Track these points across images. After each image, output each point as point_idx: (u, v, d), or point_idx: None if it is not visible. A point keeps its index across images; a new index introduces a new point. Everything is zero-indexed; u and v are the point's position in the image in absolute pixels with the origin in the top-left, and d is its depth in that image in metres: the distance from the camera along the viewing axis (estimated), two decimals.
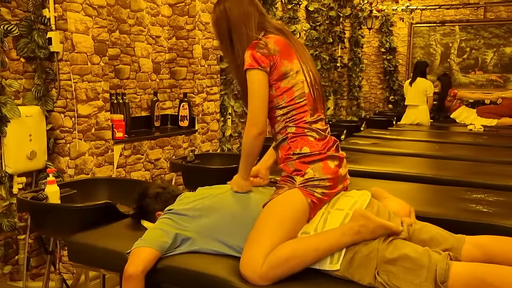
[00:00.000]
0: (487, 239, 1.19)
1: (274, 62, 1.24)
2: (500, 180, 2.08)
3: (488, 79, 5.76)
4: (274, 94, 1.26)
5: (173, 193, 1.50)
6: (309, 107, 1.28)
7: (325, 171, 1.22)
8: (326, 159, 1.23)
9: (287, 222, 1.17)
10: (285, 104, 1.26)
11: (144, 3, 2.83)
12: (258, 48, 1.24)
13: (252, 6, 1.35)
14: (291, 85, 1.26)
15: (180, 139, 2.95)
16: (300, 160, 1.23)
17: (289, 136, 1.26)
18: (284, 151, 1.27)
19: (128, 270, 1.18)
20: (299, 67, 1.29)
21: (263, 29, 1.32)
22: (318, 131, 1.28)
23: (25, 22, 2.01)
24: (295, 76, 1.27)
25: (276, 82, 1.26)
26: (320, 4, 5.02)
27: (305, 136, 1.25)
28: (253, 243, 1.16)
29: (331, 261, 1.13)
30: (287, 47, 1.28)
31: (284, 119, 1.27)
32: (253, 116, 1.25)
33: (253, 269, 1.12)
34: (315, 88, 1.31)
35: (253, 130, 1.24)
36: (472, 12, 5.84)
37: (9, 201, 1.96)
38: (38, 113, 2.06)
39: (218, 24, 1.36)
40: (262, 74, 1.23)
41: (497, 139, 3.72)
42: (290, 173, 1.24)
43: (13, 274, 2.06)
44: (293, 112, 1.26)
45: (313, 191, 1.20)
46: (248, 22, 1.31)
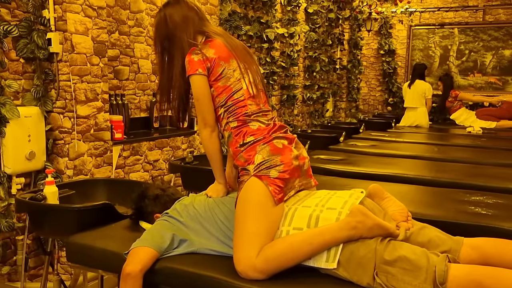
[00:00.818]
0: (485, 241, 1.19)
1: (211, 64, 1.32)
2: (498, 182, 2.08)
3: (487, 81, 5.78)
4: (214, 94, 1.34)
5: (172, 196, 1.50)
6: (248, 102, 1.33)
7: (273, 152, 1.25)
8: (271, 140, 1.27)
9: (260, 209, 1.19)
10: (224, 101, 1.33)
11: (143, 5, 2.84)
12: (194, 54, 1.33)
13: (191, 12, 1.41)
14: (229, 84, 1.32)
15: (179, 140, 2.95)
16: (247, 149, 1.27)
17: (233, 131, 1.32)
18: (233, 146, 1.33)
19: (126, 269, 1.18)
20: (235, 66, 1.34)
21: (201, 33, 1.39)
22: (260, 120, 1.33)
23: (25, 22, 2.01)
24: (232, 74, 1.33)
25: (214, 82, 1.33)
26: (320, 6, 5.03)
27: (247, 127, 1.30)
28: (239, 240, 1.19)
29: (327, 258, 1.13)
30: (223, 49, 1.35)
31: (226, 115, 1.33)
32: (202, 117, 1.34)
33: (247, 263, 1.13)
34: (254, 84, 1.36)
35: (206, 130, 1.34)
36: (471, 15, 5.86)
37: (8, 202, 1.96)
38: (37, 113, 2.06)
39: (157, 30, 1.43)
40: (201, 78, 1.32)
41: (495, 141, 3.73)
42: (243, 164, 1.27)
43: (11, 275, 2.06)
44: (233, 107, 1.32)
45: (268, 173, 1.22)
46: (186, 28, 1.38)
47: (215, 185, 1.43)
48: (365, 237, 1.12)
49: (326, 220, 1.18)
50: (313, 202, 1.24)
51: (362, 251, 1.11)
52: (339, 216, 1.17)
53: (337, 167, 2.44)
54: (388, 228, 1.13)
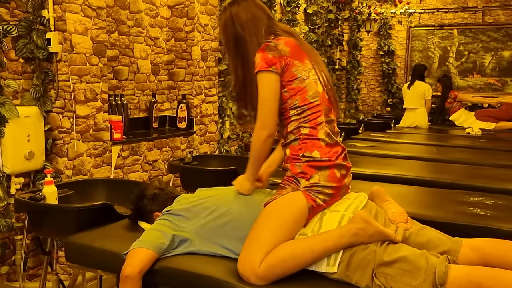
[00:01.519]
0: (484, 242, 1.19)
1: (285, 63, 1.24)
2: (497, 183, 2.08)
3: (486, 82, 5.79)
4: (287, 94, 1.26)
5: (171, 194, 1.49)
6: (323, 106, 1.27)
7: (330, 179, 1.22)
8: (334, 167, 1.23)
9: (288, 224, 1.17)
10: (299, 104, 1.25)
11: (143, 5, 2.84)
12: (268, 49, 1.23)
13: (259, 10, 1.34)
14: (304, 85, 1.25)
15: (178, 140, 2.95)
16: (308, 164, 1.22)
17: (302, 137, 1.25)
18: (293, 151, 1.26)
19: (125, 271, 1.18)
20: (311, 67, 1.28)
21: (271, 33, 1.32)
22: (330, 135, 1.27)
23: (24, 22, 2.01)
24: (307, 75, 1.26)
25: (288, 83, 1.25)
26: (319, 7, 5.03)
27: (317, 140, 1.24)
28: (252, 242, 1.16)
29: (328, 263, 1.13)
30: (297, 48, 1.28)
31: (298, 119, 1.25)
32: (263, 119, 1.24)
33: (251, 268, 1.12)
34: (328, 88, 1.30)
35: (263, 133, 1.24)
36: (471, 16, 5.87)
37: (7, 202, 1.95)
38: (36, 113, 2.05)
39: (225, 30, 1.35)
40: (273, 76, 1.22)
41: (495, 142, 3.73)
42: (296, 174, 1.23)
43: (10, 275, 2.05)
44: (308, 112, 1.25)
45: (316, 196, 1.20)
46: (256, 27, 1.30)
47: (244, 180, 1.35)
48: (365, 243, 1.12)
49: (329, 223, 1.18)
50: None
51: (361, 254, 1.11)
52: (342, 219, 1.17)
53: None
54: (388, 235, 1.13)
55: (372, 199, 1.34)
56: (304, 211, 1.18)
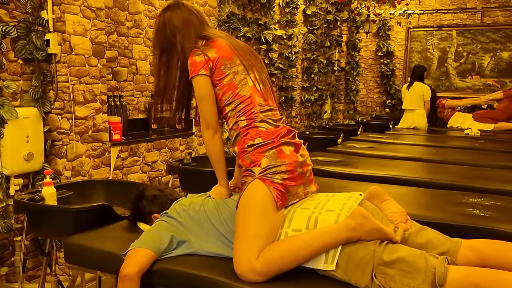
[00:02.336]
0: (483, 243, 1.19)
1: (213, 64, 1.31)
2: (496, 184, 2.09)
3: (485, 83, 5.80)
4: (220, 92, 1.32)
5: (170, 196, 1.50)
6: (256, 97, 1.32)
7: (280, 157, 1.24)
8: (279, 145, 1.26)
9: (261, 213, 1.19)
10: (231, 99, 1.31)
11: (142, 6, 2.84)
12: (196, 55, 1.32)
13: (192, 15, 1.40)
14: (234, 81, 1.31)
15: (177, 141, 2.95)
16: (254, 151, 1.26)
17: (242, 130, 1.30)
18: (240, 146, 1.31)
19: (123, 271, 1.18)
20: (239, 63, 1.33)
21: (203, 37, 1.38)
22: (269, 121, 1.31)
23: (23, 23, 2.01)
24: (236, 71, 1.32)
25: (219, 81, 1.32)
26: (318, 8, 5.04)
27: (256, 128, 1.29)
28: (239, 242, 1.18)
29: (326, 260, 1.13)
30: (225, 47, 1.34)
31: (234, 114, 1.32)
32: (204, 118, 1.33)
33: (248, 265, 1.13)
34: (259, 81, 1.35)
35: (209, 132, 1.33)
36: (470, 17, 5.89)
37: (6, 203, 1.95)
38: (35, 114, 2.05)
39: (157, 34, 1.42)
40: (203, 79, 1.31)
41: (493, 143, 3.74)
42: (248, 166, 1.26)
43: (9, 276, 2.05)
44: (241, 105, 1.31)
45: (272, 178, 1.22)
46: (187, 32, 1.37)
47: (217, 187, 1.41)
48: (363, 239, 1.12)
49: (325, 222, 1.18)
50: (312, 204, 1.24)
51: (360, 253, 1.11)
52: (338, 218, 1.17)
53: (335, 169, 2.44)
54: (386, 233, 1.13)
55: (370, 199, 1.34)
56: (268, 195, 1.20)
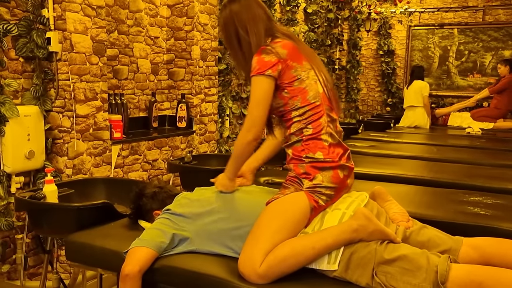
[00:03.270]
0: (484, 241, 1.19)
1: (283, 66, 1.24)
2: (498, 183, 2.09)
3: (486, 82, 5.79)
4: (287, 96, 1.26)
5: (170, 192, 1.50)
6: (325, 106, 1.27)
7: (334, 180, 1.22)
8: (337, 168, 1.23)
9: (290, 224, 1.17)
10: (300, 105, 1.25)
11: (143, 4, 2.83)
12: (265, 53, 1.24)
13: (260, 10, 1.33)
14: (304, 86, 1.26)
15: (177, 140, 2.95)
16: (311, 164, 1.22)
17: (304, 138, 1.25)
18: (296, 152, 1.26)
19: (125, 270, 1.18)
20: (309, 67, 1.29)
21: (270, 35, 1.31)
22: (333, 135, 1.27)
23: (24, 22, 2.01)
24: (307, 76, 1.27)
25: (288, 85, 1.25)
26: (319, 6, 5.03)
27: (319, 141, 1.24)
28: (254, 241, 1.16)
29: (329, 260, 1.13)
30: (295, 50, 1.28)
31: (300, 120, 1.26)
32: (251, 122, 1.25)
33: (251, 267, 1.12)
34: (329, 88, 1.30)
35: (249, 136, 1.25)
36: (471, 15, 5.87)
37: (7, 201, 1.95)
38: (36, 112, 2.06)
39: (225, 28, 1.34)
40: (268, 81, 1.23)
41: (495, 142, 3.74)
42: (299, 174, 1.23)
43: (11, 273, 2.06)
44: (309, 112, 1.25)
45: (318, 197, 1.20)
46: (256, 27, 1.29)
47: (224, 179, 1.35)
48: (364, 240, 1.13)
49: (330, 222, 1.18)
50: None
51: (361, 252, 1.11)
52: (343, 217, 1.18)
53: None
54: (388, 234, 1.13)
55: (373, 199, 1.34)
56: (306, 211, 1.19)
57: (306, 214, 1.19)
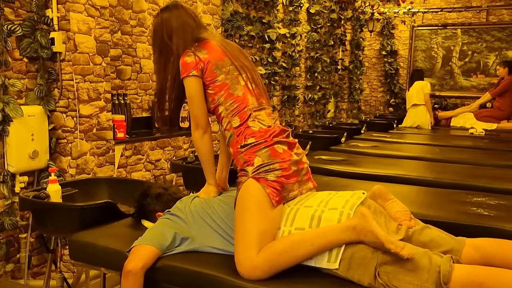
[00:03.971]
0: (486, 241, 1.19)
1: (204, 65, 1.32)
2: (501, 183, 2.08)
3: (490, 82, 5.76)
4: (212, 92, 1.34)
5: (175, 195, 1.51)
6: (248, 96, 1.33)
7: (272, 156, 1.25)
8: (272, 144, 1.26)
9: (257, 211, 1.20)
10: (224, 99, 1.32)
11: (146, 4, 2.84)
12: (187, 56, 1.34)
13: (190, 18, 1.42)
14: (226, 81, 1.33)
15: (180, 140, 2.96)
16: (247, 151, 1.26)
17: (235, 131, 1.31)
18: (234, 147, 1.32)
19: (127, 266, 1.19)
20: (230, 63, 1.35)
21: (198, 40, 1.39)
22: (262, 120, 1.32)
23: (28, 22, 2.02)
24: (227, 71, 1.34)
25: (211, 82, 1.33)
26: (322, 7, 5.03)
27: (248, 128, 1.29)
28: (239, 241, 1.19)
29: (329, 259, 1.13)
30: (216, 49, 1.36)
31: (227, 114, 1.33)
32: (194, 118, 1.35)
33: (249, 263, 1.14)
34: (251, 81, 1.36)
35: (198, 131, 1.35)
36: (475, 15, 5.85)
37: (11, 200, 1.97)
38: (40, 112, 2.07)
39: (154, 34, 1.43)
40: (194, 79, 1.33)
41: (498, 143, 3.72)
42: (242, 165, 1.27)
43: (15, 272, 2.07)
44: (234, 104, 1.32)
45: (265, 176, 1.22)
46: (184, 34, 1.38)
47: (206, 187, 1.44)
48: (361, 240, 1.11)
49: (328, 221, 1.18)
50: (315, 202, 1.24)
51: (363, 251, 1.11)
52: (341, 217, 1.17)
53: (338, 167, 2.44)
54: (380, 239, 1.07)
55: (374, 198, 1.34)
56: (263, 194, 1.20)
57: (264, 197, 1.20)
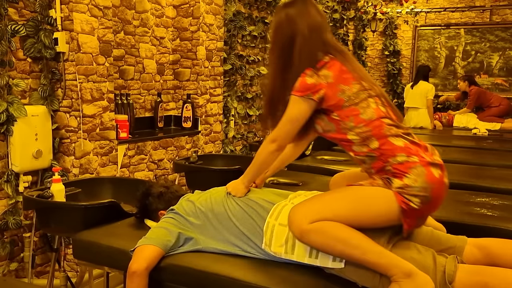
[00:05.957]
0: (490, 241, 1.19)
1: (327, 90, 1.18)
2: (505, 184, 2.07)
3: (493, 82, 5.74)
4: (338, 118, 1.19)
5: (176, 193, 1.51)
6: (383, 120, 1.18)
7: (428, 181, 1.09)
8: (428, 165, 1.11)
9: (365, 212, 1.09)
10: (354, 124, 1.17)
11: (149, 4, 2.85)
12: (309, 76, 1.19)
13: (319, 18, 1.23)
14: (355, 106, 1.18)
15: (183, 140, 2.96)
16: (397, 165, 1.12)
17: (376, 152, 1.16)
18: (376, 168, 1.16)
19: (132, 267, 1.19)
20: (359, 87, 1.19)
21: (322, 50, 1.23)
22: (404, 136, 1.17)
23: (32, 22, 2.03)
24: (356, 96, 1.18)
25: (336, 107, 1.19)
26: (324, 7, 5.02)
27: (392, 144, 1.14)
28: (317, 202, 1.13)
29: (334, 258, 1.12)
30: (342, 71, 1.21)
31: (360, 140, 1.18)
32: (279, 135, 1.25)
33: (300, 221, 1.09)
34: (382, 101, 1.21)
35: (273, 146, 1.26)
36: (478, 15, 5.82)
37: (15, 199, 1.98)
38: (44, 112, 2.08)
39: (276, 33, 1.27)
40: (306, 103, 1.19)
41: (501, 143, 3.70)
42: (387, 174, 1.13)
43: (19, 271, 2.08)
44: (366, 128, 1.16)
45: (410, 200, 1.08)
46: (310, 37, 1.20)
47: (238, 184, 1.33)
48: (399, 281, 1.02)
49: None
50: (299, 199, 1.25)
51: None
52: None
53: (340, 167, 2.44)
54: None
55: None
56: (390, 211, 1.08)
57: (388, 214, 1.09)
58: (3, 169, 1.96)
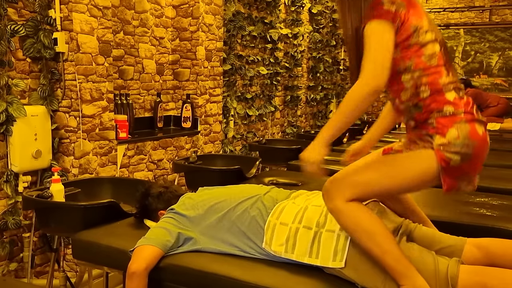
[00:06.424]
0: (489, 241, 1.19)
1: (402, 19, 1.05)
2: (504, 184, 2.07)
3: (493, 83, 5.74)
4: (398, 56, 1.06)
5: (176, 192, 1.51)
6: (443, 69, 1.08)
7: (471, 137, 1.03)
8: (473, 121, 1.05)
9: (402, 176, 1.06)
10: (413, 66, 1.07)
11: (148, 5, 2.85)
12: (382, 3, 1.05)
13: None
14: (421, 45, 1.07)
15: (182, 140, 2.97)
16: (441, 118, 1.05)
17: (423, 101, 1.07)
18: (418, 118, 1.09)
19: (131, 268, 1.19)
20: (427, 26, 1.08)
21: None
22: (458, 92, 1.08)
23: (32, 22, 2.03)
24: (424, 34, 1.07)
25: (402, 42, 1.06)
26: (324, 7, 5.03)
27: (443, 96, 1.06)
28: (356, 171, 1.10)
29: (334, 258, 1.12)
30: (413, 2, 1.09)
31: (413, 84, 1.07)
32: (373, 67, 1.02)
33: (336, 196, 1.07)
34: (445, 47, 1.12)
35: (371, 83, 1.01)
36: (477, 15, 5.83)
37: (15, 199, 1.98)
38: (43, 112, 2.08)
39: None
40: (387, 25, 1.04)
41: (501, 143, 3.71)
42: (428, 130, 1.07)
43: (18, 272, 2.08)
44: (424, 72, 1.06)
45: (450, 158, 1.02)
46: None
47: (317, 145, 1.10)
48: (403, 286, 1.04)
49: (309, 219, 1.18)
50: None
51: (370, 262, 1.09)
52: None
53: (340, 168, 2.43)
54: None
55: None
56: (430, 171, 1.04)
57: (428, 175, 1.05)
58: (3, 169, 1.96)
